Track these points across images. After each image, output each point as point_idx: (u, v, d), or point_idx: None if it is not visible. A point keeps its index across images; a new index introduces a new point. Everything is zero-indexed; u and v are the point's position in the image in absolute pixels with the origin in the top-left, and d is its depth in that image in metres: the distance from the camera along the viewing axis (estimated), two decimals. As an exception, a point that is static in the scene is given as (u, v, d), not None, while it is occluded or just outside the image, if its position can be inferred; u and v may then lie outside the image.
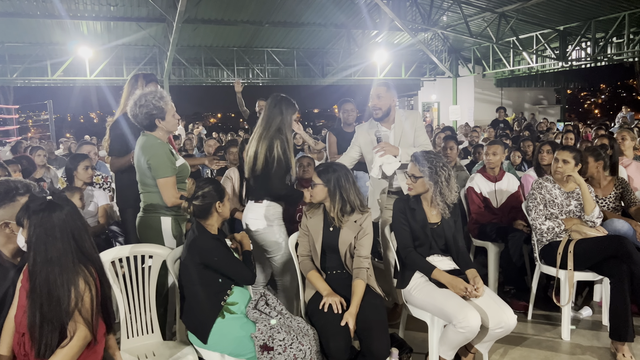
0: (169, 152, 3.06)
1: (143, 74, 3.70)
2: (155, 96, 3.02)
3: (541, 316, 3.98)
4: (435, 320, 2.90)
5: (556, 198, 3.71)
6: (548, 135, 10.42)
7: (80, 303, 1.85)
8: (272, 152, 3.17)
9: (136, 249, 2.85)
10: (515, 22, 14.89)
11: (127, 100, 3.49)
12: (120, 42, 15.44)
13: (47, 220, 1.89)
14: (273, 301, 2.70)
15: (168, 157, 3.02)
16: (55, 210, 1.91)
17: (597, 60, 15.06)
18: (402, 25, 14.33)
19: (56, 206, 1.91)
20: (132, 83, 3.64)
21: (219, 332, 2.53)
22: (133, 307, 2.76)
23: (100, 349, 1.97)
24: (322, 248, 2.94)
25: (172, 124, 3.12)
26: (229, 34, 16.57)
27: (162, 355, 2.62)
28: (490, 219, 4.39)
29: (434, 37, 18.60)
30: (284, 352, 2.38)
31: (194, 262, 2.59)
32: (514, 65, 17.58)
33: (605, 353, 3.37)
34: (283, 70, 19.12)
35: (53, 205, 1.91)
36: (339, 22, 16.03)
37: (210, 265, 2.59)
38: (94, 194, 4.16)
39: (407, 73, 20.72)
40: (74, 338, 1.83)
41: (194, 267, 2.59)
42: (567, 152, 3.69)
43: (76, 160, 4.13)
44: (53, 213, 1.90)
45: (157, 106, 3.01)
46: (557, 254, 3.54)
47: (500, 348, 3.42)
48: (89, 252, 1.95)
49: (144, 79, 3.64)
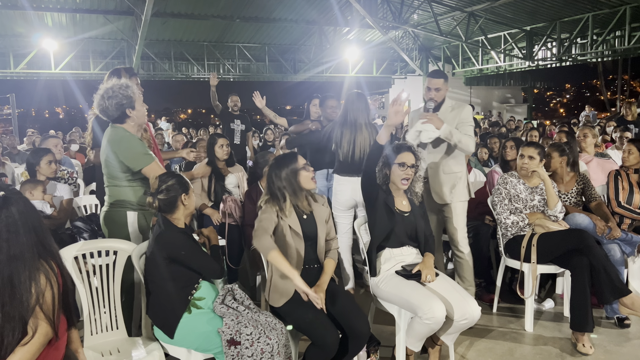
0: (139, 140, 3.05)
1: (124, 68, 3.61)
2: (122, 86, 3.00)
3: (506, 308, 4.07)
4: (403, 312, 2.94)
5: (520, 193, 3.80)
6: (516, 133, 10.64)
7: (41, 299, 1.79)
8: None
9: (100, 244, 2.80)
10: (484, 22, 15.17)
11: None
12: (87, 35, 15.03)
13: (8, 216, 1.82)
14: (240, 296, 2.70)
15: (141, 146, 3.02)
16: (13, 205, 1.85)
17: (562, 60, 15.47)
18: (373, 23, 14.42)
19: (12, 201, 1.85)
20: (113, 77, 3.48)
21: (186, 328, 2.51)
22: (97, 304, 2.70)
23: (62, 346, 1.92)
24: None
25: (141, 113, 3.11)
26: (199, 28, 16.34)
27: (127, 351, 2.57)
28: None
29: (404, 35, 18.77)
30: (251, 346, 2.38)
31: (160, 257, 2.55)
32: (483, 64, 17.92)
33: (566, 343, 3.47)
34: (254, 66, 18.98)
35: (9, 200, 1.85)
36: (311, 19, 16.02)
37: (178, 259, 2.56)
38: (57, 188, 4.06)
39: (378, 70, 20.85)
40: (35, 335, 1.78)
41: (160, 261, 2.55)
42: (532, 149, 3.78)
43: (38, 155, 4.01)
44: (11, 207, 1.84)
45: (126, 95, 2.99)
46: (521, 247, 3.63)
47: (465, 340, 3.49)
48: (49, 246, 1.89)
49: (126, 72, 3.55)
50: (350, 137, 3.98)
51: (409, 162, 3.10)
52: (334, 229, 3.08)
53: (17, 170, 6.04)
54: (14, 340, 1.76)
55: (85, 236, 3.84)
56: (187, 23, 15.63)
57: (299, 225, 2.81)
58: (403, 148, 3.16)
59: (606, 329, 3.69)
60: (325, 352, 2.56)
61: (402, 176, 3.09)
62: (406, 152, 3.14)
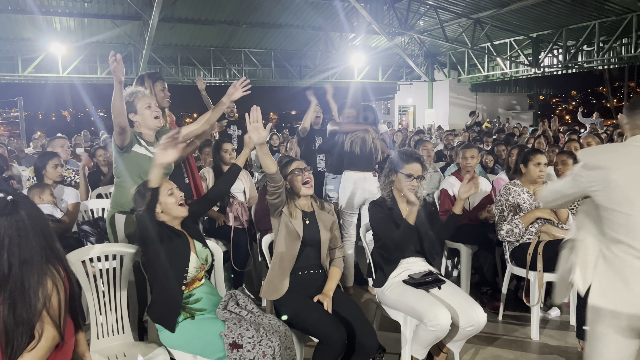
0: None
1: (147, 74, 3.64)
2: (128, 94, 3.12)
3: (511, 316, 4.05)
4: (408, 319, 2.93)
5: (524, 202, 3.77)
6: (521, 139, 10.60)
7: (48, 303, 1.80)
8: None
9: (107, 249, 2.80)
10: (490, 29, 15.17)
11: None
12: (95, 39, 15.11)
13: (18, 220, 1.84)
14: (244, 300, 2.71)
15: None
16: (22, 209, 1.86)
17: (568, 67, 15.43)
18: (379, 29, 14.44)
19: (21, 205, 1.86)
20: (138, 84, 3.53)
21: (190, 333, 2.51)
22: (104, 308, 2.71)
23: (69, 350, 1.92)
24: (300, 247, 2.89)
25: (146, 115, 3.19)
26: (206, 33, 16.42)
27: (133, 355, 2.57)
28: (462, 222, 4.45)
29: (410, 42, 18.80)
30: (253, 349, 2.38)
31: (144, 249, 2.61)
32: (489, 70, 17.89)
33: (572, 352, 3.45)
34: (260, 71, 19.05)
35: (18, 204, 1.86)
36: (317, 25, 16.05)
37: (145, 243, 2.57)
38: (64, 192, 4.08)
39: (384, 76, 20.87)
40: (41, 340, 1.78)
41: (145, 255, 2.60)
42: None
43: (45, 159, 4.03)
44: (21, 212, 1.85)
45: (128, 101, 3.10)
46: (527, 254, 3.61)
47: (471, 348, 3.48)
48: (57, 250, 1.90)
49: (149, 78, 3.58)
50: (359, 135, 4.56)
51: (417, 174, 3.08)
52: (340, 238, 3.11)
53: (24, 174, 6.07)
54: (23, 344, 1.77)
55: (92, 239, 3.86)
56: (194, 28, 15.70)
57: (301, 228, 2.86)
58: (412, 158, 3.12)
59: (613, 338, 3.66)
60: (334, 350, 2.56)
61: (408, 187, 3.07)
62: (415, 163, 3.10)
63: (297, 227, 2.86)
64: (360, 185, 4.54)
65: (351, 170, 4.59)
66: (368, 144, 4.57)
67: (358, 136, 4.57)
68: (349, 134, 4.60)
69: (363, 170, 4.58)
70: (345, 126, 4.73)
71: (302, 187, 2.93)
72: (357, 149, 4.55)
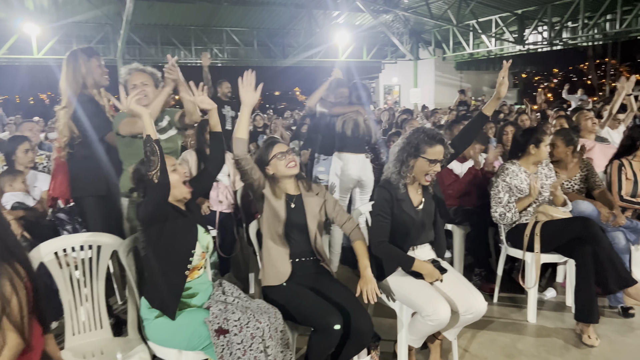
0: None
1: (81, 49, 3.35)
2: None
3: (506, 298, 3.95)
4: (404, 308, 2.80)
5: (522, 182, 3.63)
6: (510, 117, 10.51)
7: (7, 308, 1.59)
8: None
9: (83, 239, 2.61)
10: (475, 5, 14.97)
11: (74, 79, 3.26)
12: (70, 19, 14.59)
13: None
14: (230, 288, 2.60)
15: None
16: None
17: (552, 44, 15.33)
18: (363, 6, 14.18)
19: None
20: (71, 61, 3.29)
21: (172, 329, 2.34)
22: (79, 301, 2.53)
23: (37, 354, 1.73)
24: (285, 230, 2.72)
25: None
26: (186, 12, 15.90)
27: (111, 353, 2.40)
28: (455, 203, 4.33)
29: (395, 19, 18.50)
30: (240, 332, 2.22)
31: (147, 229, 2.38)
32: (474, 48, 17.71)
33: (570, 334, 3.36)
34: (243, 51, 18.62)
35: None
36: (300, 2, 15.67)
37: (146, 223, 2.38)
38: (37, 178, 3.85)
39: (368, 55, 20.59)
40: (4, 348, 1.59)
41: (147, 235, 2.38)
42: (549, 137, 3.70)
43: (15, 143, 3.79)
44: None
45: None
46: (524, 236, 3.49)
47: (467, 332, 3.37)
48: (13, 248, 1.69)
49: (83, 53, 3.30)
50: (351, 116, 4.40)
51: (440, 158, 2.75)
52: (342, 211, 2.91)
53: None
54: None
55: (68, 228, 3.64)
56: (173, 6, 15.20)
57: (283, 209, 2.71)
58: (436, 140, 2.72)
59: (610, 318, 3.59)
60: (330, 337, 2.41)
61: (429, 172, 2.77)
62: (439, 146, 2.72)
63: (279, 208, 2.70)
64: (352, 167, 4.38)
65: (343, 152, 4.42)
66: (360, 126, 4.39)
67: (350, 117, 4.38)
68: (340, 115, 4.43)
69: (355, 152, 4.41)
70: (334, 109, 4.51)
71: (285, 169, 2.75)
72: (349, 130, 4.36)
